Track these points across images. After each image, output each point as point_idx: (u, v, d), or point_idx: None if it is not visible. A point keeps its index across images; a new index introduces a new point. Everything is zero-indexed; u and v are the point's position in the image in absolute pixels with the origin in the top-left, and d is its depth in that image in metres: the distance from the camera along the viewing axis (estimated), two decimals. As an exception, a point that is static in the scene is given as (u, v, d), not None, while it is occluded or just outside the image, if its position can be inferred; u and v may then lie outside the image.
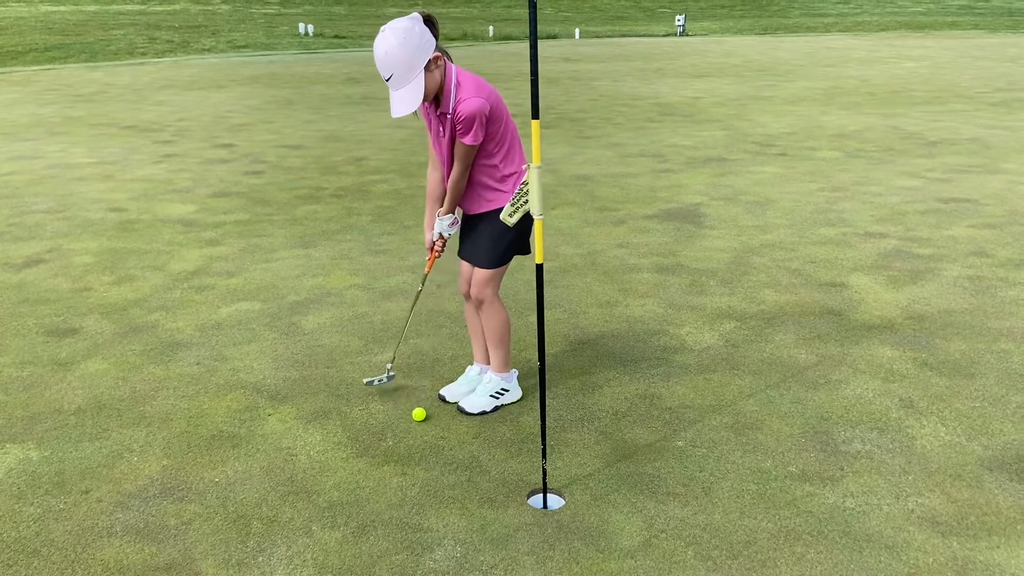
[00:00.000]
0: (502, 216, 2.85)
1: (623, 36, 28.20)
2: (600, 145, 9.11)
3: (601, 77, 15.81)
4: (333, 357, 3.94)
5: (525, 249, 3.38)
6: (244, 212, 6.53)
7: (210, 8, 40.00)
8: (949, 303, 4.49)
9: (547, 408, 3.41)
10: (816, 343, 4.04)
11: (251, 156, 8.69)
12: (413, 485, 2.94)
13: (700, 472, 3.00)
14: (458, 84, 3.06)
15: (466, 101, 3.03)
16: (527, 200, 2.69)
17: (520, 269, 5.12)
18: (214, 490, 2.92)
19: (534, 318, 4.36)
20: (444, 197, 3.32)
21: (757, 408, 3.44)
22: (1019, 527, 2.66)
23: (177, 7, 40.10)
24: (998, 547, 2.58)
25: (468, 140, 3.07)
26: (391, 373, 3.60)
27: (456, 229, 3.38)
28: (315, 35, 27.93)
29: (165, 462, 3.10)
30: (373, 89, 14.26)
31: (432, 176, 3.38)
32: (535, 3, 2.47)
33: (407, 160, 8.45)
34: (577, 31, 28.92)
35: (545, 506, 2.84)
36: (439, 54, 2.98)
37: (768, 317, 4.37)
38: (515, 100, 12.38)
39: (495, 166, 3.21)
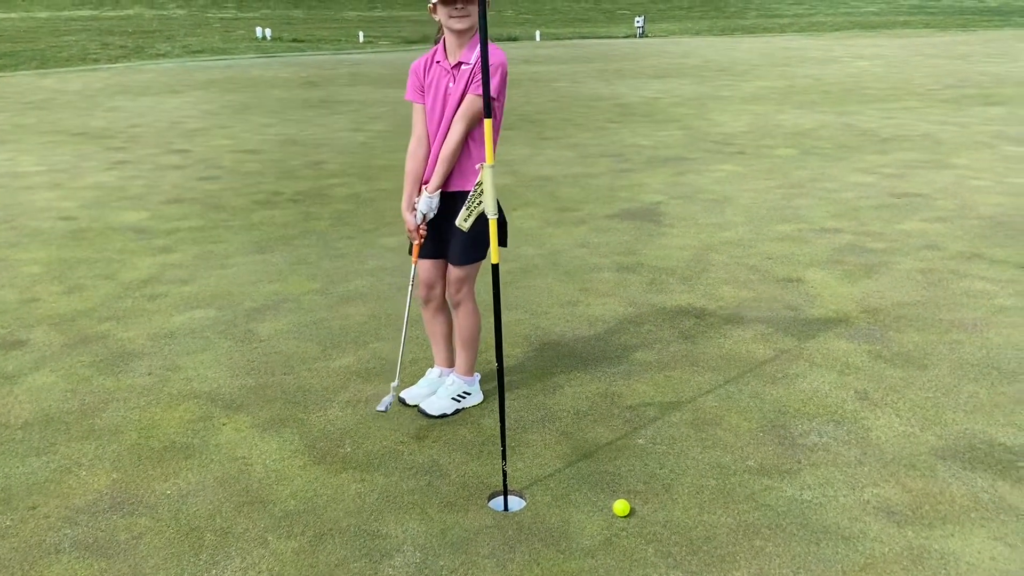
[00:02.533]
0: (457, 222, 2.80)
1: (583, 38, 28.34)
2: (560, 146, 9.12)
3: (561, 79, 15.85)
4: (290, 364, 3.88)
5: (502, 240, 3.31)
6: (199, 218, 6.41)
7: (165, 13, 39.36)
8: (902, 296, 4.56)
9: (508, 409, 3.40)
10: (773, 338, 4.07)
11: (206, 162, 8.55)
12: (372, 491, 2.89)
13: (660, 469, 3.00)
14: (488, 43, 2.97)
15: (493, 51, 2.87)
16: (481, 201, 2.66)
17: (480, 272, 5.09)
18: (166, 503, 2.85)
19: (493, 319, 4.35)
20: (427, 174, 3.12)
21: (716, 404, 3.45)
22: (972, 515, 2.70)
23: (131, 12, 39.38)
24: (952, 535, 2.61)
25: (483, 92, 2.89)
26: (395, 394, 3.36)
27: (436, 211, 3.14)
28: (273, 39, 27.63)
29: (115, 475, 3.02)
30: (331, 92, 14.14)
31: (417, 153, 3.16)
32: (484, 1, 2.45)
33: (366, 164, 8.38)
34: (538, 33, 28.99)
35: (506, 508, 2.81)
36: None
37: (727, 313, 4.40)
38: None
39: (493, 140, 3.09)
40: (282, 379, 3.72)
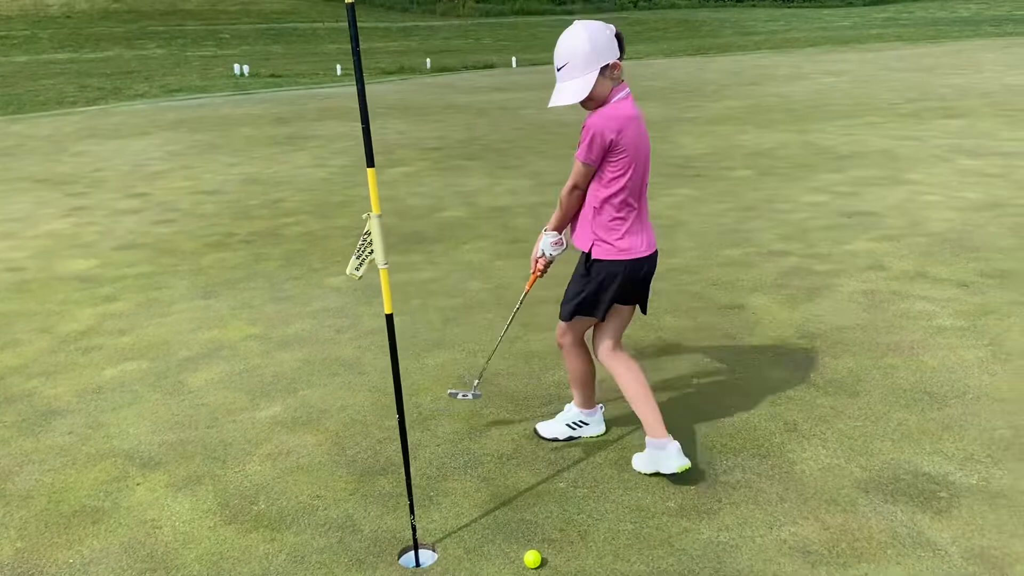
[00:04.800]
0: (348, 271, 2.76)
1: (558, 63, 28.48)
2: (520, 175, 9.11)
3: (528, 106, 15.89)
4: (215, 416, 3.81)
5: (644, 306, 3.36)
6: (148, 264, 6.35)
7: (144, 53, 39.40)
8: (842, 320, 4.53)
9: (431, 456, 3.35)
10: (709, 369, 4.02)
11: (164, 205, 8.50)
12: (280, 552, 2.82)
13: (578, 515, 2.93)
14: (612, 104, 3.03)
15: (594, 116, 3.01)
16: (371, 251, 2.62)
17: (423, 309, 5.04)
18: (67, 573, 2.76)
19: (431, 360, 4.29)
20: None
21: (642, 442, 3.38)
22: (889, 551, 2.64)
23: (110, 54, 39.40)
24: (867, 575, 2.55)
25: (578, 154, 3.05)
26: (477, 392, 3.52)
27: (560, 252, 3.26)
28: (251, 75, 27.72)
29: (19, 544, 2.93)
30: (299, 128, 14.14)
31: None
32: (359, 51, 2.42)
33: (324, 200, 8.35)
34: (514, 59, 29.18)
35: (417, 563, 2.74)
36: (619, 64, 2.97)
37: (665, 345, 4.35)
38: (441, 132, 12.39)
39: (599, 205, 3.09)
40: (204, 433, 3.65)
